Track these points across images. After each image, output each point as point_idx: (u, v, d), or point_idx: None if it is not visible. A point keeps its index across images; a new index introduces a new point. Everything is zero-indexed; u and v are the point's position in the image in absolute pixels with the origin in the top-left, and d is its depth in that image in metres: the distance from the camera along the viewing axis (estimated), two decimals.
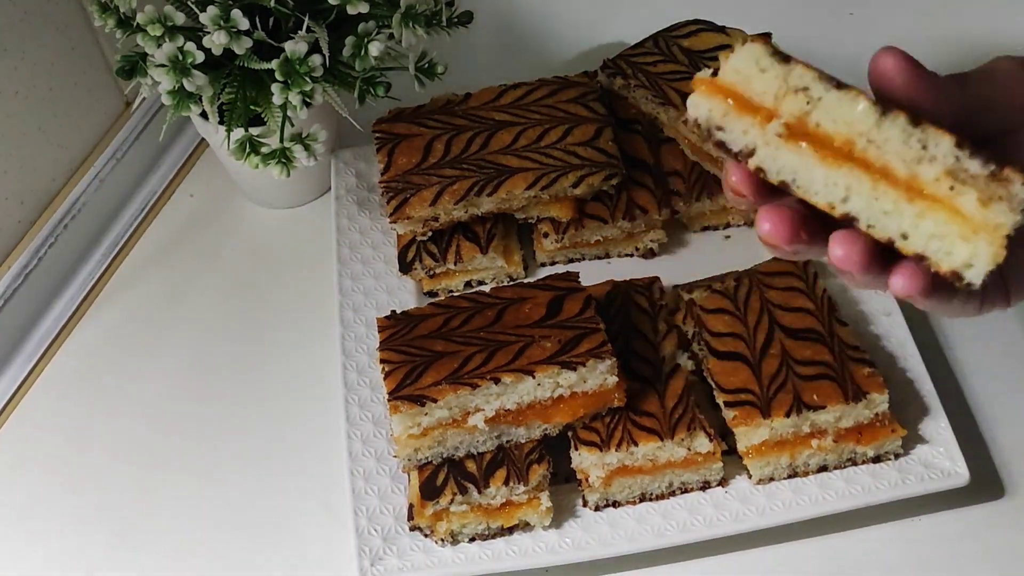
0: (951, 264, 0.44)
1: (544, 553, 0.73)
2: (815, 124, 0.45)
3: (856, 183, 0.45)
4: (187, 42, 0.78)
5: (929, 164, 0.44)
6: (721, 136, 0.47)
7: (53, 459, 0.84)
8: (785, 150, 0.46)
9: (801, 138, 0.45)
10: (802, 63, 0.46)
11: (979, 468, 0.76)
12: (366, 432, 0.79)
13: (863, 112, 0.44)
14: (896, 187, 0.44)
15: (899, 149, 0.44)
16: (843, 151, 0.45)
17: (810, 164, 0.45)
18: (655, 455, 0.73)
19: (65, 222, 0.93)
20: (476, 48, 0.94)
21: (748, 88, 0.46)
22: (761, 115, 0.46)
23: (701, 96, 0.47)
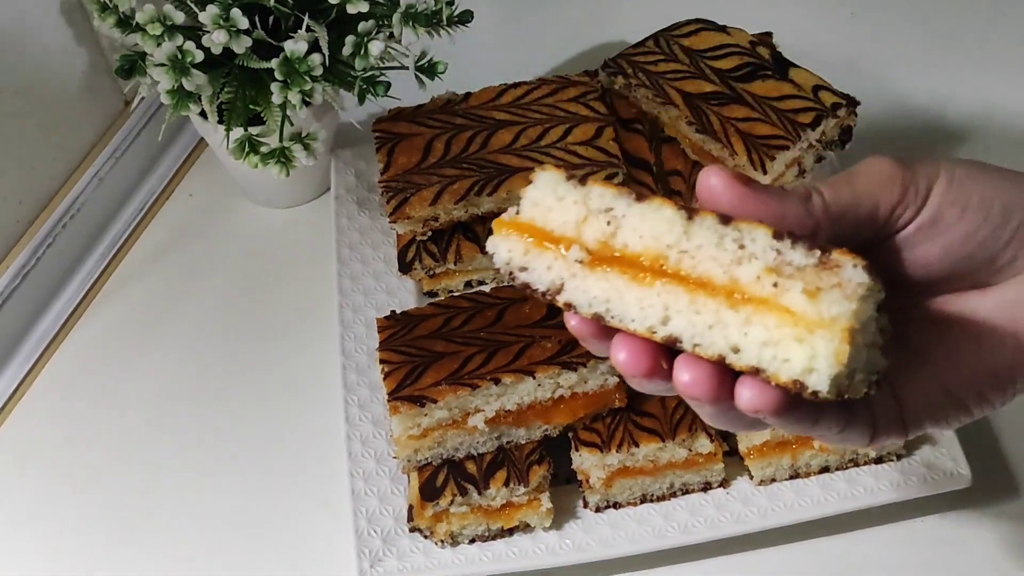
0: (790, 373, 0.38)
1: (544, 555, 0.73)
2: (622, 245, 0.41)
3: (673, 300, 0.40)
4: (186, 41, 0.78)
5: (749, 263, 0.39)
6: (525, 277, 0.43)
7: (51, 459, 0.84)
8: (592, 279, 0.41)
9: (607, 263, 0.41)
10: (601, 183, 0.42)
11: (982, 469, 0.76)
12: (365, 433, 0.79)
13: (669, 220, 0.40)
14: (717, 296, 0.39)
15: (714, 253, 0.40)
16: (655, 268, 0.41)
17: (620, 289, 0.41)
18: (656, 456, 0.73)
19: (64, 222, 0.93)
20: (476, 47, 0.93)
21: (548, 221, 0.43)
22: (563, 246, 0.42)
23: (500, 238, 0.43)
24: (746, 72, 0.90)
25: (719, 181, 0.41)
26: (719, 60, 0.91)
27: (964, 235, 0.43)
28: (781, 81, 0.89)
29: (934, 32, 1.11)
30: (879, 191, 0.42)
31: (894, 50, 1.09)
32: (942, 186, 0.43)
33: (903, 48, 1.09)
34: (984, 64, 1.05)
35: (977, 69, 1.03)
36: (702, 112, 0.88)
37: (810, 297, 0.37)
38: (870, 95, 0.89)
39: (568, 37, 1.11)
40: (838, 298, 0.37)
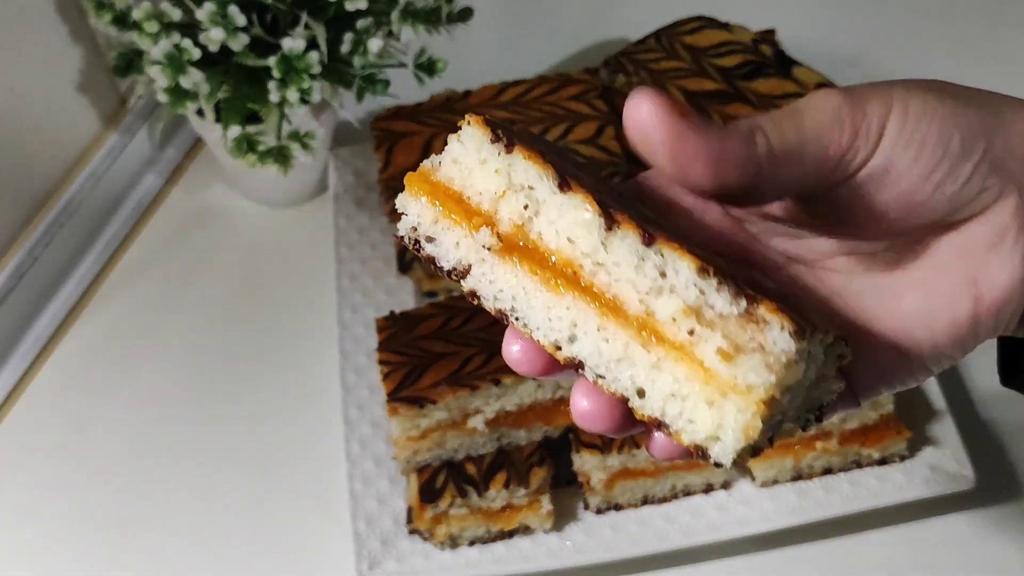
0: (693, 437, 0.33)
1: (545, 557, 0.72)
2: (537, 235, 0.35)
3: (582, 319, 0.34)
4: (184, 39, 0.78)
5: (668, 297, 0.33)
6: (431, 250, 0.37)
7: (49, 460, 0.83)
8: (501, 269, 0.35)
9: (519, 254, 0.35)
10: (528, 150, 0.35)
11: (986, 471, 0.75)
12: (364, 434, 0.79)
13: (586, 225, 0.34)
14: (628, 328, 0.34)
15: (631, 276, 0.34)
16: (568, 274, 0.34)
17: (529, 289, 0.35)
18: None
19: (61, 221, 0.92)
20: (476, 45, 0.93)
21: (466, 186, 0.36)
22: (476, 222, 0.36)
23: (411, 196, 0.37)
24: (749, 70, 0.89)
25: (651, 112, 0.34)
26: (721, 58, 0.91)
27: (919, 179, 0.38)
28: (784, 79, 0.88)
29: (938, 29, 1.10)
30: (827, 134, 0.37)
31: (898, 48, 1.08)
32: (895, 126, 0.38)
33: (907, 46, 1.09)
34: (988, 61, 1.04)
35: (981, 66, 1.03)
36: (704, 110, 0.87)
37: (724, 359, 0.32)
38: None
39: (569, 35, 1.11)
40: (757, 365, 0.32)
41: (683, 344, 0.33)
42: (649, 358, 0.33)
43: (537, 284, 0.35)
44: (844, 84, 0.93)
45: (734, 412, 0.32)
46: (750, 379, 0.32)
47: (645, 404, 0.34)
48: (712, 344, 0.32)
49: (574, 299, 0.34)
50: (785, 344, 0.32)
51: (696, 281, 0.33)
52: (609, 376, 0.34)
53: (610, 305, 0.34)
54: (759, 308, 0.32)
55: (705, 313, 0.33)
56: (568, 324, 0.35)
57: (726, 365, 0.32)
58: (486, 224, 0.35)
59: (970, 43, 1.09)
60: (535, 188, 0.35)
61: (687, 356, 0.33)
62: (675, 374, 0.33)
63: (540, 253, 0.35)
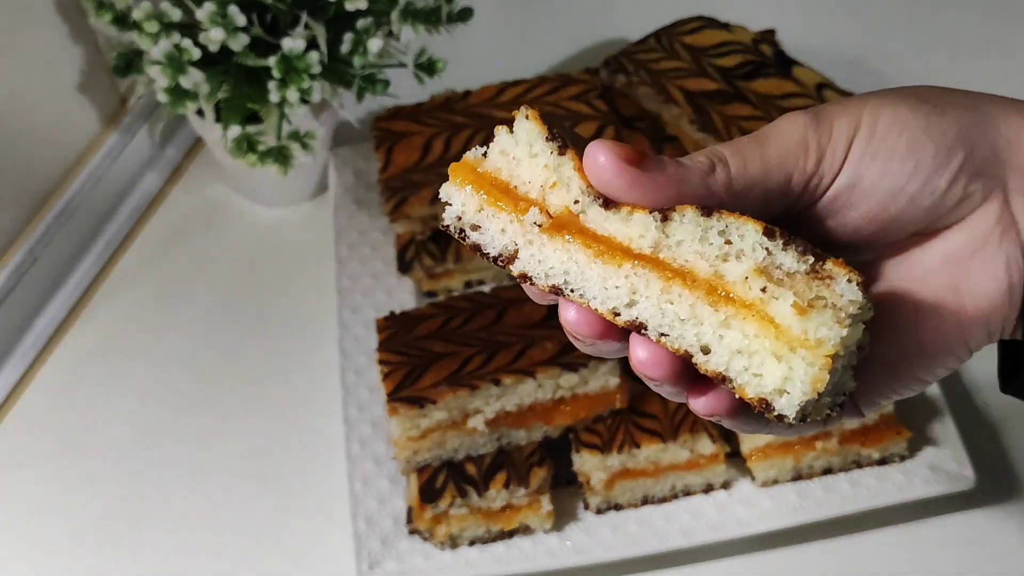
0: (759, 390, 0.34)
1: (545, 557, 0.72)
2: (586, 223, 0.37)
3: (643, 285, 0.36)
4: (184, 39, 0.78)
5: (737, 261, 0.35)
6: (476, 238, 0.38)
7: (48, 461, 0.83)
8: (550, 247, 0.37)
9: (570, 231, 0.37)
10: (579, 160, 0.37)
11: (985, 471, 0.75)
12: (364, 434, 0.78)
13: (642, 225, 0.36)
14: (696, 289, 0.35)
15: (698, 248, 0.36)
16: (624, 248, 0.36)
17: (582, 263, 0.36)
18: (658, 457, 0.73)
19: (61, 221, 0.92)
20: (476, 45, 0.93)
21: (514, 176, 0.38)
22: (523, 206, 0.37)
23: (455, 186, 0.38)
24: (749, 70, 0.89)
25: (607, 161, 0.35)
26: (721, 58, 0.91)
27: (889, 194, 0.38)
28: (784, 79, 0.88)
29: (938, 29, 1.10)
30: (791, 160, 0.37)
31: (898, 48, 1.08)
32: (861, 143, 0.38)
33: (907, 46, 1.09)
34: (988, 60, 1.04)
35: (982, 66, 1.03)
36: (704, 110, 0.87)
37: (799, 313, 0.34)
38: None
39: (569, 34, 1.11)
40: (829, 320, 0.34)
41: (754, 302, 0.35)
42: (717, 317, 0.35)
43: (591, 257, 0.36)
44: (844, 85, 0.93)
45: (803, 365, 0.34)
46: (821, 333, 0.34)
47: (710, 359, 0.35)
48: (786, 300, 0.34)
49: (632, 269, 0.36)
50: (853, 294, 0.34)
51: (762, 242, 0.35)
52: (673, 334, 0.35)
53: (676, 271, 0.36)
54: (826, 264, 0.34)
55: (774, 272, 0.35)
56: (627, 292, 0.36)
57: (798, 321, 0.34)
58: (534, 206, 0.37)
59: (970, 42, 1.08)
60: (579, 201, 0.37)
61: (757, 313, 0.34)
62: (744, 331, 0.35)
63: (592, 232, 0.36)
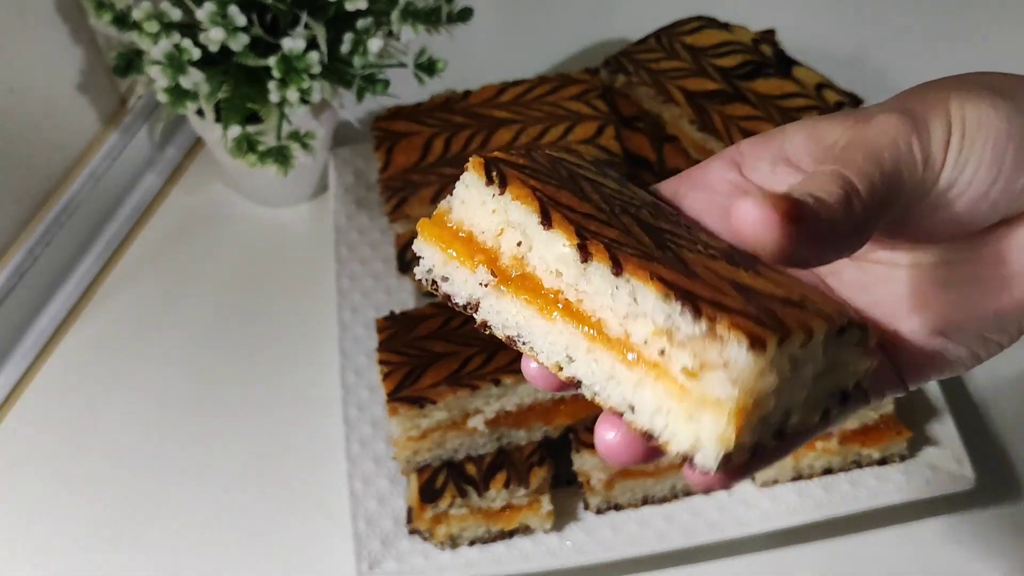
0: (679, 447, 0.35)
1: (545, 557, 0.72)
2: (532, 268, 0.38)
3: (574, 343, 0.37)
4: (184, 39, 0.78)
5: (641, 320, 0.35)
6: (446, 288, 0.40)
7: (48, 461, 0.83)
8: (505, 300, 0.38)
9: (518, 286, 0.38)
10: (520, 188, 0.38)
11: (985, 471, 0.75)
12: (364, 434, 0.78)
13: (564, 258, 0.37)
14: (612, 349, 0.36)
15: (609, 303, 0.36)
16: (559, 302, 0.37)
17: (528, 316, 0.38)
18: None
19: (61, 221, 0.92)
20: (476, 45, 0.93)
21: (473, 225, 0.39)
22: (478, 260, 0.39)
23: (424, 240, 0.40)
24: (749, 70, 0.89)
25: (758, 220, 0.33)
26: (721, 58, 0.91)
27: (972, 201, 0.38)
28: (784, 79, 0.88)
29: (938, 29, 1.10)
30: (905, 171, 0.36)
31: (898, 47, 1.08)
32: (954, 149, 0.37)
33: (907, 45, 1.09)
34: (989, 61, 1.04)
35: (981, 66, 1.03)
36: (704, 110, 0.87)
37: (690, 376, 0.34)
38: (874, 93, 0.89)
39: (569, 34, 1.11)
40: (722, 380, 0.33)
41: (657, 363, 0.35)
42: (632, 377, 0.36)
43: (534, 312, 0.38)
44: (844, 85, 0.92)
45: (709, 424, 0.34)
46: (717, 393, 0.34)
47: (636, 418, 0.36)
48: (678, 363, 0.35)
49: (565, 324, 0.37)
50: (744, 358, 0.33)
51: (661, 306, 0.35)
52: (603, 394, 0.36)
53: (596, 328, 0.36)
54: (718, 326, 0.34)
55: (675, 334, 0.35)
56: (563, 347, 0.37)
57: (693, 382, 0.34)
58: (486, 262, 0.39)
59: (970, 42, 1.08)
60: (524, 225, 0.37)
61: (664, 374, 0.35)
62: (655, 391, 0.35)
63: (535, 283, 0.38)
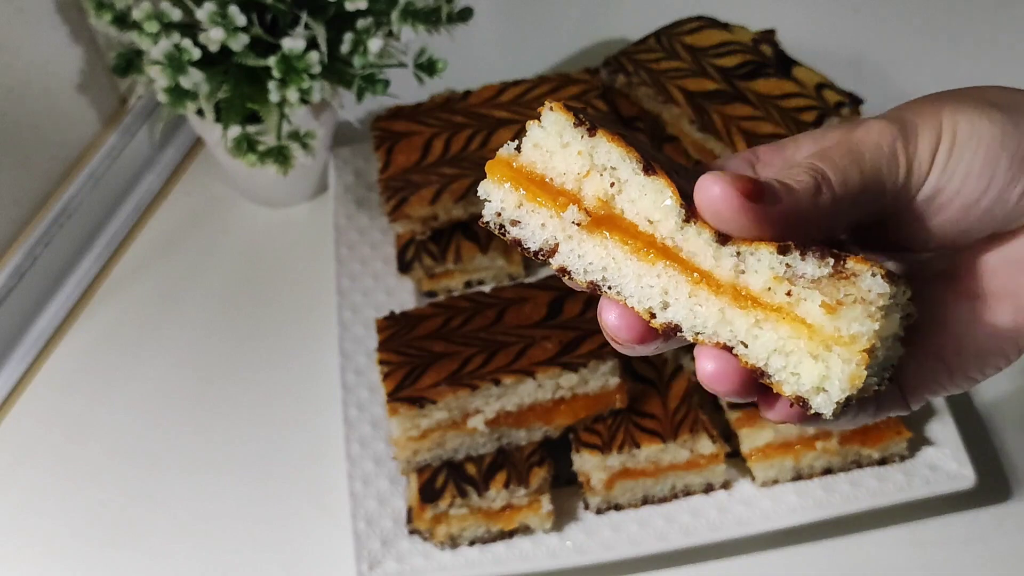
0: (796, 388, 0.35)
1: (545, 557, 0.72)
2: (620, 211, 0.37)
3: (673, 287, 0.36)
4: (184, 39, 0.78)
5: (754, 275, 0.36)
6: (516, 233, 0.38)
7: (48, 460, 0.83)
8: (590, 243, 0.37)
9: (607, 227, 0.37)
10: (611, 134, 0.37)
11: (985, 471, 0.75)
12: (364, 434, 0.78)
13: (666, 211, 0.36)
14: (721, 294, 0.36)
15: (710, 264, 0.36)
16: (656, 246, 0.36)
17: (619, 259, 0.37)
18: (658, 457, 0.73)
19: (60, 221, 0.92)
20: (476, 45, 0.93)
21: (549, 168, 0.38)
22: (563, 201, 0.38)
23: (493, 184, 0.39)
24: (749, 70, 0.89)
25: (723, 195, 0.35)
26: (721, 58, 0.91)
27: (963, 208, 0.39)
28: (784, 79, 0.88)
29: (938, 29, 1.10)
30: (884, 173, 0.38)
31: (898, 48, 1.08)
32: (943, 156, 0.38)
33: (907, 46, 1.09)
34: (988, 61, 1.04)
35: (981, 66, 1.03)
36: (704, 110, 0.87)
37: (829, 312, 0.34)
38: (873, 93, 0.89)
39: (569, 35, 1.11)
40: (860, 315, 0.34)
41: (782, 305, 0.35)
42: (748, 319, 0.35)
43: (628, 254, 0.37)
44: (844, 85, 0.93)
45: (840, 363, 0.34)
46: (854, 329, 0.34)
47: (748, 354, 0.36)
48: (814, 300, 0.34)
49: (664, 268, 0.36)
50: (880, 288, 0.34)
51: (779, 259, 0.35)
52: (708, 332, 0.36)
53: (700, 274, 0.36)
54: (847, 263, 0.34)
55: (797, 280, 0.35)
56: (660, 291, 0.36)
57: (830, 318, 0.34)
58: (571, 202, 0.37)
59: (969, 43, 1.08)
60: (618, 169, 0.37)
61: (788, 315, 0.35)
62: (777, 331, 0.35)
63: (628, 224, 0.37)
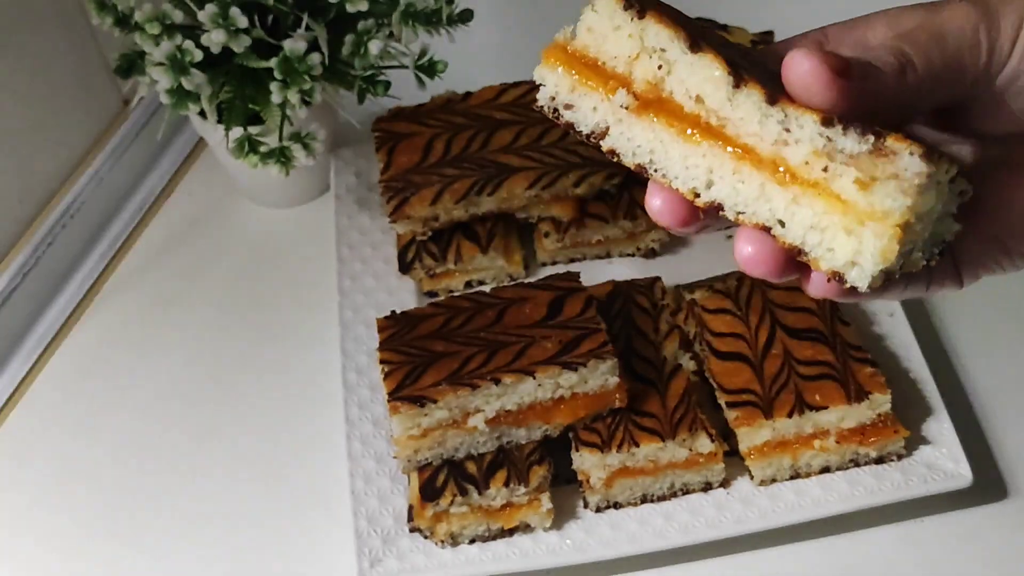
0: (832, 264, 0.36)
1: (545, 555, 0.73)
2: (669, 93, 0.38)
3: (718, 164, 0.38)
4: (185, 40, 0.78)
5: (795, 146, 0.37)
6: (569, 116, 0.40)
7: (51, 459, 0.84)
8: (638, 125, 0.39)
9: (654, 110, 0.39)
10: (660, 15, 0.38)
11: (982, 469, 0.76)
12: (365, 433, 0.79)
13: (715, 81, 0.37)
14: (762, 169, 0.37)
15: (756, 130, 0.37)
16: (701, 126, 0.38)
17: (666, 141, 0.39)
18: (656, 456, 0.73)
19: (63, 221, 0.93)
20: (476, 46, 0.93)
21: (601, 51, 0.39)
22: (612, 85, 0.39)
23: (548, 68, 0.40)
24: None
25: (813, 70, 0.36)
26: None
27: None
28: None
29: None
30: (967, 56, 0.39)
31: None
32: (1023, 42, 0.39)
33: None
34: None
35: None
36: None
37: (862, 188, 0.35)
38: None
39: None
40: (893, 191, 0.35)
41: (818, 180, 0.36)
42: (786, 195, 0.37)
43: (673, 136, 0.38)
44: None
45: (872, 238, 0.35)
46: (887, 204, 0.35)
47: (786, 232, 0.37)
48: (849, 176, 0.35)
49: (709, 147, 0.38)
50: (916, 166, 0.35)
51: (821, 131, 0.36)
52: (748, 211, 0.38)
53: (744, 150, 0.37)
54: (887, 140, 0.35)
55: (836, 157, 0.36)
56: (704, 171, 0.38)
57: (863, 194, 0.35)
58: (622, 86, 0.39)
59: None
60: (667, 50, 0.38)
61: (824, 191, 0.36)
62: (813, 207, 0.36)
63: (675, 108, 0.38)
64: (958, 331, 0.85)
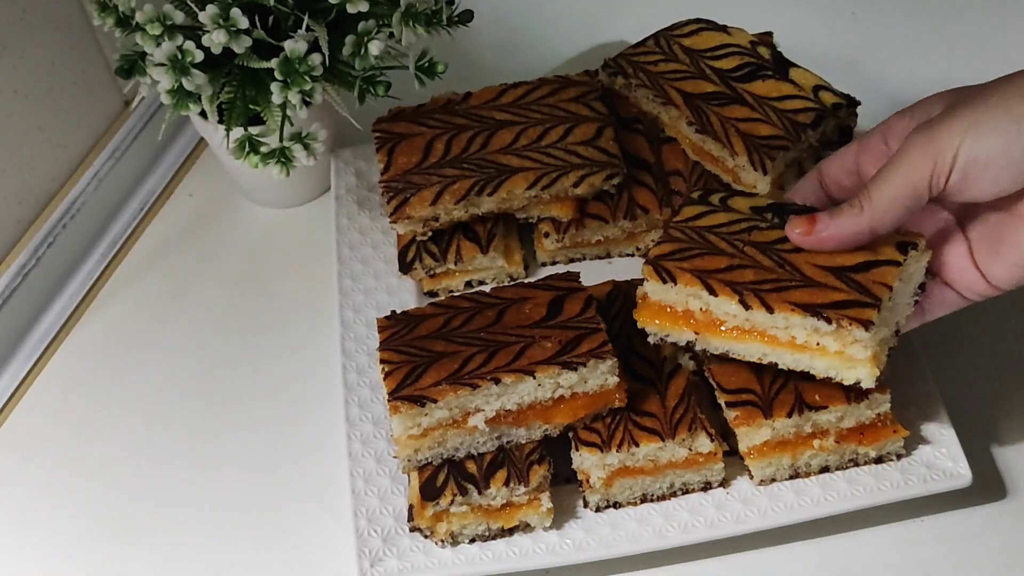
0: (849, 381, 0.68)
1: (545, 554, 0.73)
2: (714, 318, 0.69)
3: (762, 348, 0.68)
4: (186, 41, 0.78)
5: (796, 331, 0.67)
6: (671, 340, 0.72)
7: (52, 459, 0.84)
8: (710, 339, 0.70)
9: (711, 330, 0.69)
10: (687, 276, 0.68)
11: (982, 469, 0.76)
12: (366, 433, 0.79)
13: (734, 311, 0.67)
14: (785, 346, 0.68)
15: (771, 326, 0.67)
16: (742, 329, 0.68)
17: (731, 341, 0.69)
18: (656, 455, 0.73)
19: (64, 221, 0.93)
20: (477, 47, 0.93)
21: (667, 301, 0.70)
22: (682, 320, 0.70)
23: (644, 324, 0.72)
24: (746, 72, 0.90)
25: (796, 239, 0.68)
26: (719, 60, 0.91)
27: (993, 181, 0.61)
28: (781, 81, 0.89)
29: (935, 32, 1.11)
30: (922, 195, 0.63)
31: (895, 50, 1.09)
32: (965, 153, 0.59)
33: (904, 48, 1.09)
34: (985, 63, 1.04)
35: (978, 69, 1.03)
36: (702, 112, 0.88)
37: (841, 349, 0.66)
38: (870, 95, 0.89)
39: (568, 37, 1.12)
40: (859, 350, 0.66)
41: (816, 348, 0.67)
42: (805, 356, 0.68)
43: (730, 339, 0.70)
44: (839, 85, 0.93)
45: (861, 369, 0.67)
46: (858, 356, 0.66)
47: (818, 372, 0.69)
48: (832, 346, 0.66)
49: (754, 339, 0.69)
50: (863, 335, 0.65)
51: (803, 321, 0.66)
52: (791, 366, 0.69)
53: (771, 338, 0.68)
54: (842, 323, 0.65)
55: (820, 334, 0.66)
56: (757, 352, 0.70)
57: (845, 354, 0.66)
58: (687, 322, 0.70)
59: (966, 45, 1.09)
60: (701, 296, 0.68)
61: (824, 352, 0.67)
62: (823, 362, 0.68)
63: (722, 322, 0.69)
64: (958, 331, 0.85)
